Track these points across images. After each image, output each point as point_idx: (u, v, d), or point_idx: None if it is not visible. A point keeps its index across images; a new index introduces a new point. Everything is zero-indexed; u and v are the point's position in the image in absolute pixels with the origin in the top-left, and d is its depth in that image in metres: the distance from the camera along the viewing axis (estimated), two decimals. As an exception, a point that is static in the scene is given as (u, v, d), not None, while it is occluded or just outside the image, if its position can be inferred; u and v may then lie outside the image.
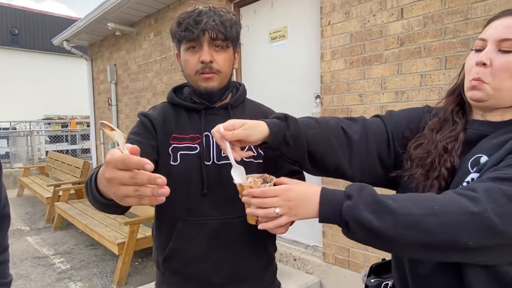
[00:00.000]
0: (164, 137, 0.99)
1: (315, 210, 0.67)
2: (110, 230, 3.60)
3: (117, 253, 3.23)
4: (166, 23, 4.02)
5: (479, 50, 0.73)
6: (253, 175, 0.81)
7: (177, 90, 1.10)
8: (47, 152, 8.23)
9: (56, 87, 12.72)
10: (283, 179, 0.76)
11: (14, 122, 10.22)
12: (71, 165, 6.15)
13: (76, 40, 5.48)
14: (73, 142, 10.57)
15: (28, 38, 12.73)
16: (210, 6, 0.96)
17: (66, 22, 12.32)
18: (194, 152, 0.99)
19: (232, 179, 0.78)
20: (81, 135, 10.76)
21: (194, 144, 0.99)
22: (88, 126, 11.13)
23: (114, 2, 3.93)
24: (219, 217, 0.98)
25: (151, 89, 4.37)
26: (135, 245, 3.28)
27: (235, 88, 1.11)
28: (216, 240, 0.98)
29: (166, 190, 0.56)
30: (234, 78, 3.34)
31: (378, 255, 2.23)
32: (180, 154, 0.98)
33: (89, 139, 10.73)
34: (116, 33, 4.59)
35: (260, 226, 0.72)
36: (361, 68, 2.25)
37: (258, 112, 1.11)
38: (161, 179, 0.55)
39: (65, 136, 10.59)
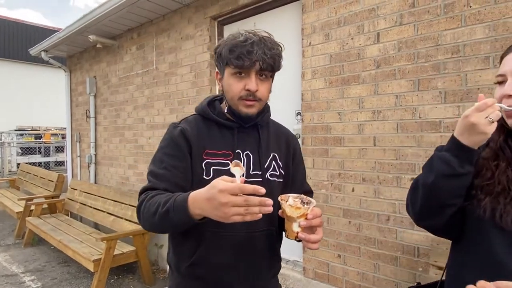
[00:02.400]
0: (198, 152, 1.05)
1: None
2: (86, 246, 3.49)
3: (92, 270, 3.13)
4: (148, 37, 4.04)
5: (501, 83, 0.86)
6: (291, 195, 0.95)
7: (210, 104, 1.14)
8: (18, 164, 7.90)
9: (30, 98, 12.33)
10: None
11: (-17, 132, 9.78)
12: (44, 178, 5.93)
13: (54, 50, 5.38)
14: (47, 154, 10.21)
15: (3, 47, 12.35)
16: (260, 36, 1.02)
17: (43, 32, 12.07)
18: (226, 168, 1.04)
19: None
20: (55, 147, 10.41)
21: (226, 160, 1.05)
22: (63, 138, 10.81)
23: (97, 15, 3.92)
24: (245, 231, 1.04)
25: (132, 102, 4.34)
26: (112, 261, 3.19)
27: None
28: (240, 251, 1.06)
29: (270, 208, 0.78)
30: (216, 92, 3.39)
31: (354, 269, 2.28)
32: (213, 169, 1.04)
33: (63, 152, 10.41)
34: (97, 45, 4.55)
35: (303, 237, 0.92)
36: (340, 88, 2.35)
37: (281, 133, 1.21)
38: (270, 201, 0.78)
39: (38, 148, 10.21)
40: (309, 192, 1.24)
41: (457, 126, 0.84)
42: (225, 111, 1.11)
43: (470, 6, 1.83)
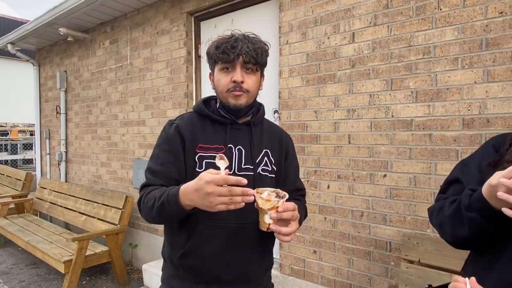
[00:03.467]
0: (191, 146, 1.11)
1: None
2: (56, 247, 3.36)
3: (63, 272, 3.02)
4: (122, 31, 3.93)
5: None
6: (268, 188, 0.99)
7: (206, 102, 1.22)
8: (-18, 162, 7.49)
9: (-5, 92, 11.71)
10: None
11: None
12: (11, 177, 5.66)
13: (22, 43, 5.13)
14: (14, 152, 9.74)
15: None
16: (245, 34, 1.11)
17: (10, 23, 11.47)
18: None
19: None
20: (23, 144, 9.95)
21: (218, 154, 1.08)
22: (32, 135, 10.34)
23: (68, 7, 3.76)
24: (236, 222, 1.08)
25: (105, 98, 4.21)
26: (84, 262, 3.10)
27: (257, 108, 1.23)
28: (231, 242, 1.09)
29: (252, 197, 0.88)
30: (193, 90, 3.35)
31: (329, 264, 2.33)
32: (206, 162, 1.10)
33: (32, 149, 9.96)
34: (68, 39, 4.37)
35: (274, 228, 0.97)
36: (317, 86, 2.37)
37: (274, 131, 1.27)
38: (251, 191, 0.88)
39: (5, 145, 9.72)
40: (301, 190, 1.31)
41: (485, 189, 0.80)
42: (217, 106, 1.17)
43: (441, 9, 1.90)
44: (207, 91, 3.29)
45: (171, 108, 3.43)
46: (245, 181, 0.86)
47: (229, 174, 1.12)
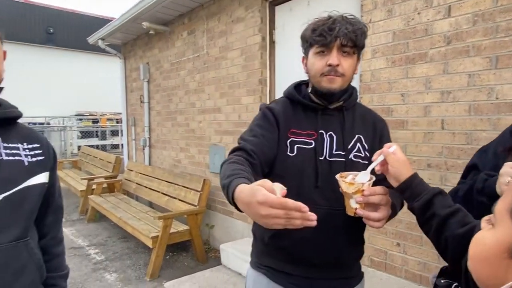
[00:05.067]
0: (284, 130, 1.11)
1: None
2: (144, 224, 3.70)
3: (151, 246, 3.32)
4: (199, 22, 4.08)
5: None
6: (353, 172, 0.97)
7: (297, 87, 1.20)
8: (79, 146, 8.55)
9: (87, 84, 13.17)
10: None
11: (48, 117, 10.66)
12: (103, 160, 6.36)
13: (110, 38, 5.65)
14: (103, 137, 10.92)
15: (63, 37, 13.24)
16: (343, 15, 1.05)
17: (99, 21, 12.72)
18: (309, 146, 1.09)
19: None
20: (110, 131, 11.09)
21: (309, 139, 1.10)
22: (117, 122, 11.46)
23: (150, 1, 4.02)
24: (327, 207, 1.06)
25: (183, 87, 4.45)
26: (168, 239, 3.36)
27: (349, 93, 1.17)
28: (322, 227, 1.04)
29: (314, 223, 0.75)
30: (267, 76, 3.35)
31: (415, 258, 2.18)
32: (297, 147, 1.09)
33: (117, 135, 11.06)
34: (150, 32, 4.69)
35: (361, 213, 0.93)
36: (404, 67, 2.20)
37: (368, 116, 1.21)
38: (313, 216, 0.74)
39: (96, 131, 10.95)
40: None
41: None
42: (309, 91, 1.15)
43: None
44: (281, 77, 3.27)
45: (246, 95, 3.49)
46: (306, 208, 0.72)
47: (321, 160, 1.10)
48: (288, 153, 1.08)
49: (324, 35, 1.01)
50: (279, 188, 0.76)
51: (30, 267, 0.89)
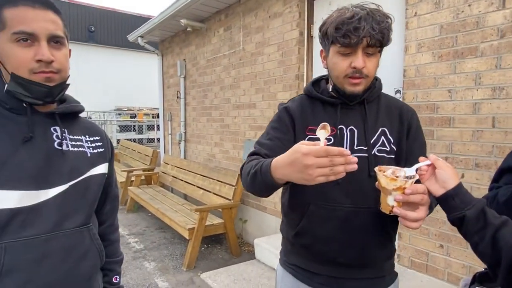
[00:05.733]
0: (302, 128, 1.08)
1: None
2: (180, 216, 3.81)
3: (187, 238, 3.42)
4: (235, 18, 4.12)
5: None
6: (392, 167, 0.89)
7: (315, 83, 1.17)
8: (118, 140, 8.93)
9: (126, 80, 13.72)
10: None
11: (90, 112, 11.22)
12: (141, 153, 6.61)
13: (149, 36, 5.83)
14: (140, 132, 11.34)
15: (103, 35, 13.84)
16: (368, 10, 0.96)
17: (138, 20, 13.18)
18: (328, 143, 1.04)
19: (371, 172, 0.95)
20: (147, 125, 11.50)
21: (329, 136, 1.05)
22: (153, 117, 11.87)
23: (188, -1, 4.11)
24: (349, 205, 1.04)
25: (219, 83, 4.52)
26: (204, 231, 3.45)
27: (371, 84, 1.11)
28: (344, 225, 1.05)
29: (355, 166, 0.76)
30: (304, 71, 3.33)
31: (460, 261, 2.10)
32: None
33: (153, 130, 11.45)
34: (187, 29, 4.79)
35: (399, 212, 0.85)
36: (452, 62, 2.10)
37: (393, 107, 1.14)
38: (354, 159, 0.75)
39: (133, 126, 11.39)
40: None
41: None
42: (330, 89, 1.09)
43: None
44: (319, 72, 3.22)
45: (282, 91, 3.48)
46: (348, 152, 0.75)
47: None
48: None
49: (349, 36, 0.94)
50: (323, 138, 0.83)
51: (92, 252, 0.95)
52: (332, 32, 0.97)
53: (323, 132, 0.85)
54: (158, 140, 8.26)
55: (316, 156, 0.74)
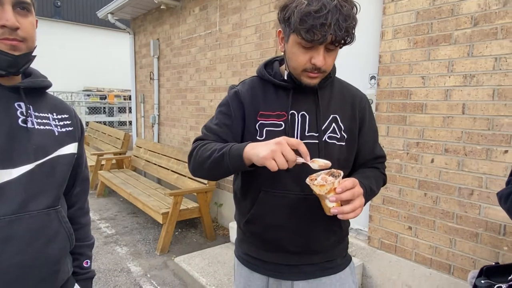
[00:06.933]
0: (252, 114, 1.05)
1: None
2: (154, 200, 3.74)
3: (161, 222, 3.37)
4: (212, -3, 3.98)
5: None
6: (321, 172, 0.90)
7: (268, 64, 1.12)
8: (87, 122, 8.57)
9: (95, 60, 13.09)
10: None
11: (57, 92, 10.65)
12: (111, 136, 6.39)
13: (120, 13, 5.55)
14: (111, 114, 10.95)
15: (71, 11, 13.06)
16: (336, 3, 0.87)
17: (106, -5, 12.50)
18: (279, 128, 1.03)
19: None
20: (118, 107, 11.10)
21: (279, 121, 1.04)
22: (125, 99, 11.46)
23: (163, -26, 3.92)
24: (300, 192, 1.02)
25: (194, 65, 4.40)
26: (178, 215, 3.40)
27: None
28: (294, 212, 1.04)
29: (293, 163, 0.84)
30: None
31: (427, 242, 2.19)
32: (266, 130, 1.04)
33: (125, 112, 11.08)
34: (161, 7, 4.60)
35: (336, 211, 0.88)
36: (426, 49, 2.14)
37: (347, 93, 1.12)
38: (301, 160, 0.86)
39: (103, 108, 10.96)
40: (380, 157, 1.17)
41: None
42: (285, 76, 1.05)
43: None
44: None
45: (259, 74, 3.43)
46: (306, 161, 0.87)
47: None
48: (258, 137, 1.02)
49: (314, 32, 0.87)
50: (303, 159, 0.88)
51: (61, 235, 0.90)
52: (296, 22, 0.89)
53: (317, 166, 0.89)
54: (130, 123, 8.02)
55: (288, 143, 0.82)
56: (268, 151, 0.82)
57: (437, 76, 2.10)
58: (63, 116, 0.95)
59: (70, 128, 0.95)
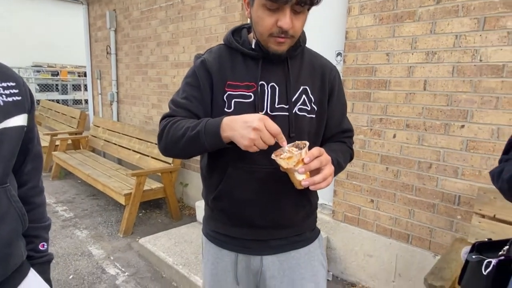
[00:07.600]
0: (220, 84, 0.99)
1: None
2: (115, 181, 3.59)
3: (123, 204, 3.24)
4: (173, -34, 3.74)
5: None
6: (285, 147, 0.87)
7: (235, 32, 1.06)
8: (38, 100, 7.94)
9: (45, 34, 12.02)
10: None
11: (0, 67, 9.73)
12: (66, 115, 5.99)
13: (71, -20, 5.10)
14: (64, 92, 10.23)
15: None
16: None
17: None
18: (248, 100, 0.98)
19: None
20: (72, 85, 10.39)
21: (248, 92, 0.99)
22: (79, 76, 10.72)
23: None
24: (268, 167, 0.98)
25: (155, 39, 4.16)
26: (141, 196, 3.29)
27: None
28: (263, 187, 1.01)
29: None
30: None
31: (387, 214, 2.30)
32: (234, 101, 0.99)
33: (80, 90, 10.39)
34: (117, -25, 4.27)
35: (307, 183, 0.85)
36: (391, 25, 2.16)
37: (316, 65, 1.08)
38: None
39: (56, 85, 10.21)
40: (348, 131, 1.15)
41: None
42: (253, 44, 1.01)
43: None
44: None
45: (224, 50, 3.32)
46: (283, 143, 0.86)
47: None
48: (226, 109, 0.98)
49: None
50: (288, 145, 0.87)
51: (11, 215, 0.81)
52: None
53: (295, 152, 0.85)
54: (86, 101, 7.53)
55: (267, 127, 0.81)
56: (249, 141, 0.81)
57: (401, 53, 2.14)
58: (8, 84, 0.83)
59: (18, 98, 0.84)
